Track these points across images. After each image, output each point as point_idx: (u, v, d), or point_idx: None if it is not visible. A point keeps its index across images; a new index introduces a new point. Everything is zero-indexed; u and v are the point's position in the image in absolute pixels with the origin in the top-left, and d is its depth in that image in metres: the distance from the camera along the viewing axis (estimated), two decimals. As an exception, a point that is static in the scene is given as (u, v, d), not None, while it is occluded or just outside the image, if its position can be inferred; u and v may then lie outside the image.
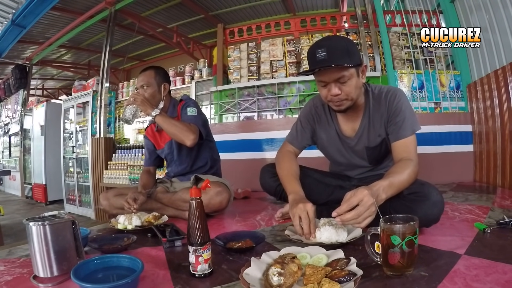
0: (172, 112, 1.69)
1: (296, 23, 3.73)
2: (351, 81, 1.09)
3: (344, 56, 1.05)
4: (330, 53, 1.04)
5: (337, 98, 1.12)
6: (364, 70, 1.15)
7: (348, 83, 1.09)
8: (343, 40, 1.13)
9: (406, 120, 1.14)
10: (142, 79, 1.63)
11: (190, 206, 0.81)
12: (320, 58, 1.05)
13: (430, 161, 2.41)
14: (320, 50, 1.05)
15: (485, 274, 0.73)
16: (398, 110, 1.15)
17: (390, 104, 1.17)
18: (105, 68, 4.17)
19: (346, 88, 1.10)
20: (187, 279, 0.79)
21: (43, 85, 8.33)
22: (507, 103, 2.07)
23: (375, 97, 1.22)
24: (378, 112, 1.21)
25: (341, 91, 1.10)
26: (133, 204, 1.43)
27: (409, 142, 1.13)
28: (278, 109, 3.26)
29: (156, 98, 1.64)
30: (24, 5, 4.05)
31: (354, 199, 0.87)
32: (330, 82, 1.10)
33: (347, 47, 1.07)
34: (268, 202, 2.01)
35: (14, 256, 1.04)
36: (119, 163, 3.85)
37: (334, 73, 1.07)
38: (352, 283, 0.65)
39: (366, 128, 1.24)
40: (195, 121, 1.58)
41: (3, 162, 6.96)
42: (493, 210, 1.41)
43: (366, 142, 1.26)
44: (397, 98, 1.17)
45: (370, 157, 1.30)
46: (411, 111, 1.18)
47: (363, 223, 0.87)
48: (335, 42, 1.10)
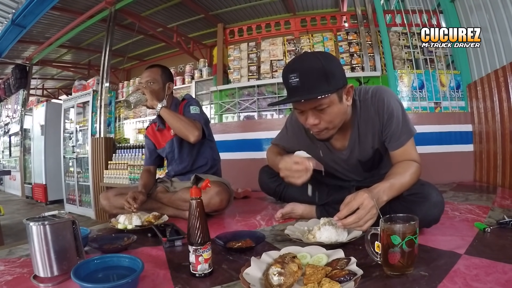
0: (174, 110, 1.69)
1: (296, 23, 3.73)
2: (331, 108, 0.96)
3: (321, 81, 0.91)
4: (303, 79, 0.91)
5: (316, 128, 1.00)
6: (349, 91, 1.01)
7: (327, 110, 0.96)
8: (320, 60, 0.93)
9: (401, 127, 1.05)
10: (149, 75, 1.64)
11: (190, 206, 0.81)
12: (293, 85, 0.92)
13: (430, 161, 2.41)
14: (293, 75, 0.92)
15: (485, 274, 0.73)
16: (390, 116, 1.05)
17: (380, 110, 1.06)
18: (105, 68, 4.17)
19: (325, 116, 0.97)
20: (187, 279, 0.79)
21: (43, 85, 8.32)
22: (507, 102, 2.07)
23: (361, 105, 1.10)
24: (368, 123, 1.10)
25: (320, 119, 0.98)
26: (133, 203, 1.43)
27: (409, 147, 1.07)
28: (278, 109, 3.26)
29: (160, 95, 1.64)
30: (24, 5, 4.05)
31: (354, 203, 0.86)
32: (307, 110, 0.97)
33: (324, 69, 0.92)
34: (268, 202, 2.01)
35: (14, 256, 1.04)
36: (119, 163, 3.85)
37: (310, 101, 0.94)
38: (352, 282, 0.65)
39: (356, 142, 1.15)
40: (198, 119, 1.59)
41: (3, 162, 6.96)
42: (493, 210, 1.41)
43: (358, 155, 1.18)
44: (386, 101, 1.05)
45: (365, 167, 1.25)
46: (403, 113, 1.07)
47: (364, 226, 0.87)
48: (310, 63, 0.93)
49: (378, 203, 0.87)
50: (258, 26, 3.73)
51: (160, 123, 1.74)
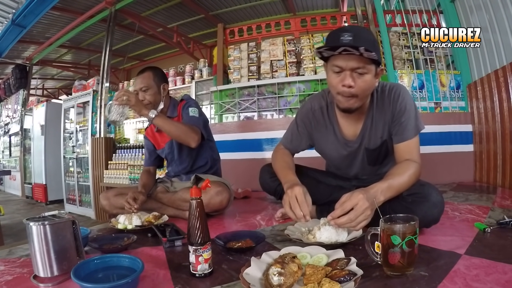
0: (172, 112, 1.69)
1: (296, 23, 3.73)
2: (368, 76, 1.00)
3: (371, 47, 0.94)
4: (356, 39, 0.94)
5: (348, 91, 1.01)
6: (379, 73, 1.06)
7: (364, 77, 0.99)
8: (371, 34, 1.03)
9: (410, 121, 1.09)
10: (141, 81, 1.60)
11: (190, 206, 0.81)
12: (345, 42, 0.94)
13: (430, 161, 2.41)
14: (346, 34, 0.95)
15: (485, 274, 0.73)
16: (403, 109, 1.10)
17: (394, 103, 1.11)
18: (105, 68, 4.17)
19: (361, 82, 1.00)
20: (187, 279, 0.79)
21: (43, 85, 8.33)
22: (507, 103, 2.07)
23: (378, 95, 1.15)
24: (382, 112, 1.15)
25: (355, 84, 0.99)
26: (133, 204, 1.43)
27: (413, 144, 1.09)
28: (278, 109, 3.27)
29: (157, 99, 1.63)
30: (24, 5, 4.06)
31: (348, 204, 0.87)
32: (347, 69, 0.98)
33: (374, 40, 1.00)
34: (268, 202, 2.01)
35: (14, 256, 1.04)
36: (119, 163, 3.85)
37: (355, 60, 0.96)
38: (352, 283, 0.65)
39: (368, 130, 1.19)
40: (197, 122, 1.58)
41: (3, 162, 6.97)
42: (493, 210, 1.41)
43: (367, 143, 1.21)
44: (401, 96, 1.11)
45: (369, 158, 1.27)
46: (415, 110, 1.12)
47: (357, 226, 0.88)
48: (363, 31, 1.01)
49: (374, 204, 0.87)
50: (258, 26, 3.74)
51: None
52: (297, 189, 0.99)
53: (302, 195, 0.97)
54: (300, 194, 0.97)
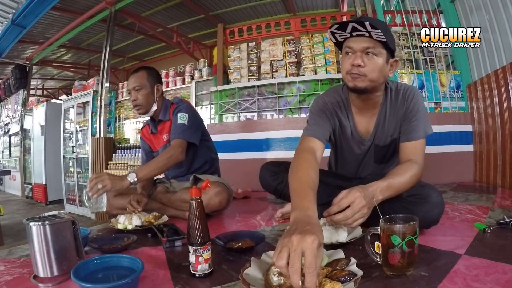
0: (164, 115, 1.67)
1: (296, 23, 3.73)
2: (378, 59, 1.04)
3: (384, 33, 0.99)
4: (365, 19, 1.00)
5: (357, 69, 1.04)
6: (393, 65, 1.10)
7: (374, 60, 1.03)
8: (385, 23, 1.09)
9: (420, 122, 1.12)
10: (135, 81, 1.58)
11: (190, 206, 0.81)
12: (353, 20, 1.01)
13: (430, 161, 2.39)
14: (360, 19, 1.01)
15: (485, 274, 0.73)
16: (415, 110, 1.13)
17: (408, 103, 1.14)
18: (105, 68, 4.17)
19: (370, 63, 1.03)
20: (187, 279, 0.79)
21: (43, 85, 8.33)
22: (507, 103, 2.07)
23: (393, 94, 1.18)
24: (395, 110, 1.17)
25: (365, 64, 1.03)
26: (137, 206, 1.42)
27: (419, 145, 1.11)
28: (278, 109, 3.27)
29: (149, 100, 1.60)
30: (24, 5, 4.06)
31: (345, 201, 0.87)
32: (357, 51, 1.03)
33: (388, 28, 1.03)
34: (268, 202, 2.00)
35: (14, 256, 1.04)
36: (119, 163, 3.86)
37: (366, 41, 1.01)
38: (352, 283, 0.65)
39: (380, 126, 1.20)
40: (183, 132, 1.55)
41: (3, 162, 6.96)
42: (493, 210, 1.41)
43: (378, 140, 1.23)
44: (414, 97, 1.14)
45: (377, 155, 1.27)
46: (426, 113, 1.16)
47: (353, 224, 0.88)
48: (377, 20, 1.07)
49: (372, 202, 0.87)
50: (258, 26, 3.74)
51: (152, 127, 1.72)
52: (310, 238, 0.59)
53: (313, 251, 0.58)
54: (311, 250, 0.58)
